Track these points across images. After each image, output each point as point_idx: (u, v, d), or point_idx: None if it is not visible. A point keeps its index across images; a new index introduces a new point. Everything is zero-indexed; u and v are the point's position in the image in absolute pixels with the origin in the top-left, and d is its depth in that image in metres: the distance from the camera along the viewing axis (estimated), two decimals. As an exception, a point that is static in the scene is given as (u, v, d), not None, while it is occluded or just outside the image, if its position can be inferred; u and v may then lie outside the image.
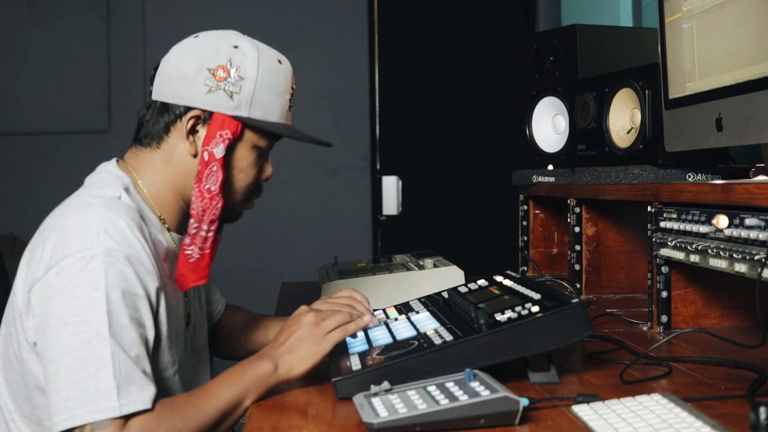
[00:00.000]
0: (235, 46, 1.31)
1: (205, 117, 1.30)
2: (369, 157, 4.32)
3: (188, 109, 1.30)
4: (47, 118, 4.33)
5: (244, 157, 1.35)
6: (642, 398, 1.06)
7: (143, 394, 1.13)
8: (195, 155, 1.32)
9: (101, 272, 1.15)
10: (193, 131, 1.31)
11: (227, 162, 1.32)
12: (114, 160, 1.37)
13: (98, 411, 1.10)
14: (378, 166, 4.06)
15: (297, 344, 1.25)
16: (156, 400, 1.15)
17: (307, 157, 4.27)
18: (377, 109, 4.07)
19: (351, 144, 4.34)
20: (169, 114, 1.32)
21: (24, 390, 1.27)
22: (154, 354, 1.24)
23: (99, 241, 1.17)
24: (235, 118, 1.30)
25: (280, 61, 1.35)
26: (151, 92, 1.35)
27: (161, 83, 1.32)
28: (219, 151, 1.30)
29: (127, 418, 1.11)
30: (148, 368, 1.17)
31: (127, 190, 1.29)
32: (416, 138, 4.15)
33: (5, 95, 4.32)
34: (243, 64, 1.30)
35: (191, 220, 1.31)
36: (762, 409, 0.81)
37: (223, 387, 1.20)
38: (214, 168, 1.30)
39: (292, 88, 1.39)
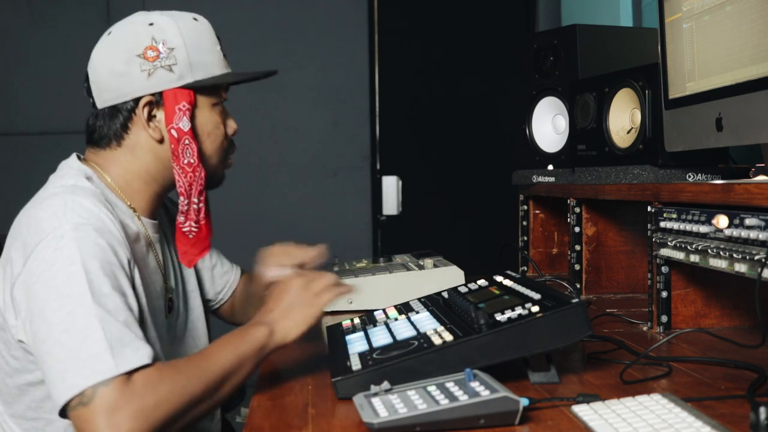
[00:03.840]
0: (150, 24, 1.32)
1: (157, 99, 1.32)
2: (369, 157, 4.32)
3: (137, 100, 1.32)
4: (47, 118, 4.33)
5: (207, 120, 1.37)
6: (642, 398, 1.06)
7: (139, 353, 1.10)
8: (161, 140, 1.34)
9: (74, 247, 1.15)
10: (150, 118, 1.33)
11: (194, 131, 1.34)
12: (74, 155, 1.38)
13: (93, 374, 1.06)
14: (378, 166, 4.06)
15: (289, 309, 1.28)
16: (154, 360, 1.12)
17: (307, 157, 4.27)
18: (377, 109, 4.07)
19: (351, 144, 4.34)
20: (121, 114, 1.33)
21: (15, 389, 1.27)
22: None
23: (67, 219, 1.18)
24: (183, 87, 1.32)
25: (195, 19, 1.37)
26: (93, 103, 1.36)
27: (99, 90, 1.33)
28: (185, 125, 1.32)
29: (128, 375, 1.08)
30: (140, 333, 1.14)
31: (89, 179, 1.30)
32: (416, 138, 4.15)
33: (5, 95, 4.32)
34: (166, 36, 1.31)
35: (180, 198, 1.34)
36: (762, 409, 0.81)
37: (223, 351, 1.20)
38: (186, 141, 1.33)
39: (218, 39, 1.40)
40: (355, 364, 1.21)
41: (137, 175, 1.35)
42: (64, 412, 1.09)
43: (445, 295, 1.49)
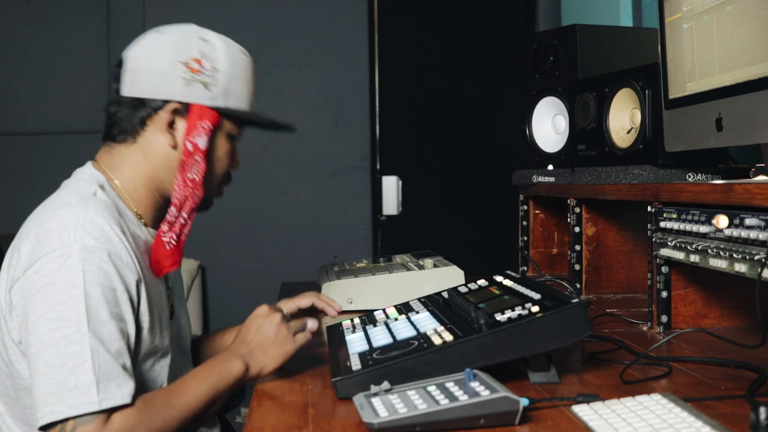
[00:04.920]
0: (204, 39, 1.34)
1: (183, 109, 1.33)
2: (369, 157, 4.31)
3: (166, 102, 1.32)
4: (47, 118, 4.33)
5: (221, 146, 1.39)
6: (642, 398, 1.06)
7: (122, 389, 1.14)
8: (174, 147, 1.34)
9: (79, 269, 1.16)
10: (171, 124, 1.34)
11: (206, 153, 1.35)
12: (88, 163, 1.39)
13: (78, 405, 1.11)
14: (378, 166, 4.06)
15: (267, 344, 1.31)
16: (135, 395, 1.16)
17: (307, 157, 4.27)
18: (377, 109, 4.07)
19: (351, 144, 4.34)
20: (145, 108, 1.33)
21: (12, 392, 1.28)
22: (136, 345, 1.25)
23: (77, 238, 1.18)
24: (212, 108, 1.34)
25: (244, 53, 1.40)
26: (117, 89, 1.35)
27: (132, 79, 1.33)
28: (202, 142, 1.34)
29: (109, 413, 1.12)
30: (128, 363, 1.18)
31: (102, 187, 1.31)
32: (416, 138, 4.15)
33: (5, 95, 4.32)
34: (215, 56, 1.34)
35: (172, 208, 1.34)
36: (762, 409, 0.81)
37: (199, 385, 1.24)
38: (198, 158, 1.34)
39: (256, 79, 1.44)
40: (355, 364, 1.21)
41: (144, 180, 1.35)
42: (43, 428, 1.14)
43: (445, 295, 1.49)
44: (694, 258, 1.44)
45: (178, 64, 1.31)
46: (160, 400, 1.19)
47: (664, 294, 1.61)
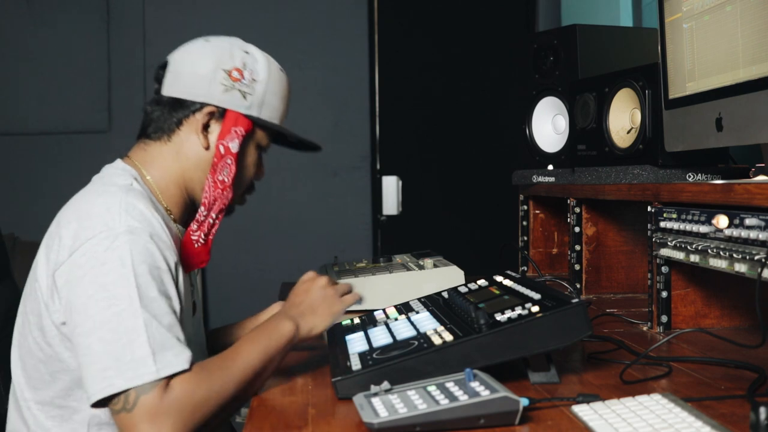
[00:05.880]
0: (247, 52, 1.42)
1: (219, 114, 1.39)
2: (369, 157, 4.32)
3: (203, 105, 1.38)
4: (47, 118, 4.33)
5: (250, 154, 1.45)
6: (642, 398, 1.06)
7: (179, 358, 1.16)
8: (207, 148, 1.40)
9: (126, 249, 1.20)
10: (206, 126, 1.40)
11: (238, 157, 1.41)
12: (118, 159, 1.42)
13: (136, 377, 1.13)
14: (378, 166, 4.06)
15: (315, 305, 1.38)
16: (192, 363, 1.18)
17: (307, 157, 4.27)
18: (377, 109, 4.07)
19: (351, 144, 4.34)
20: (183, 109, 1.39)
21: (47, 375, 1.30)
22: None
23: (121, 221, 1.23)
24: (246, 116, 1.40)
25: (282, 71, 1.48)
26: (157, 89, 1.41)
27: (174, 80, 1.39)
28: (234, 146, 1.40)
29: (168, 380, 1.14)
30: (181, 336, 1.20)
31: (135, 180, 1.36)
32: (416, 138, 4.15)
33: (5, 95, 4.32)
34: (255, 68, 1.41)
35: (201, 208, 1.40)
36: (762, 409, 0.81)
37: (252, 348, 1.26)
38: (229, 161, 1.40)
39: (290, 98, 1.52)
40: (355, 364, 1.21)
41: (175, 178, 1.40)
42: (96, 404, 1.15)
43: (445, 295, 1.49)
44: (694, 258, 1.44)
45: (220, 71, 1.38)
46: (215, 365, 1.22)
47: (664, 294, 1.61)
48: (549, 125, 2.27)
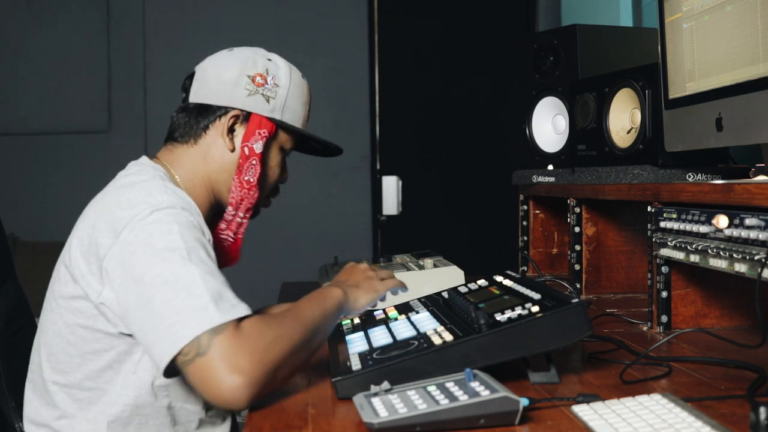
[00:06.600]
0: (269, 59, 1.50)
1: (244, 117, 1.46)
2: (369, 157, 4.32)
3: (228, 109, 1.45)
4: (47, 118, 4.33)
5: (273, 156, 1.52)
6: (642, 398, 1.06)
7: (241, 306, 1.17)
8: (232, 150, 1.47)
9: (171, 219, 1.24)
10: (231, 130, 1.46)
11: (262, 158, 1.48)
12: (144, 156, 1.47)
13: (203, 322, 1.12)
14: (378, 166, 4.06)
15: (359, 282, 1.45)
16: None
17: (307, 157, 4.27)
18: (377, 109, 4.07)
19: (351, 144, 4.34)
20: (209, 115, 1.46)
21: (77, 358, 1.31)
22: None
23: (162, 199, 1.27)
24: (270, 119, 1.48)
25: (303, 78, 1.56)
26: (185, 98, 1.49)
27: (200, 88, 1.47)
28: (258, 147, 1.47)
29: (237, 322, 1.14)
30: (235, 295, 1.21)
31: (164, 176, 1.40)
32: (416, 138, 4.15)
33: (5, 95, 4.33)
34: (277, 74, 1.49)
35: (229, 208, 1.48)
36: (762, 409, 0.81)
37: (310, 306, 1.29)
38: (254, 162, 1.47)
39: (311, 103, 1.60)
40: (355, 364, 1.21)
41: (201, 178, 1.46)
42: (168, 371, 1.15)
43: (445, 295, 1.49)
44: (694, 258, 1.44)
45: (245, 77, 1.46)
46: (279, 315, 1.23)
47: (664, 294, 1.61)
48: (549, 125, 2.27)
